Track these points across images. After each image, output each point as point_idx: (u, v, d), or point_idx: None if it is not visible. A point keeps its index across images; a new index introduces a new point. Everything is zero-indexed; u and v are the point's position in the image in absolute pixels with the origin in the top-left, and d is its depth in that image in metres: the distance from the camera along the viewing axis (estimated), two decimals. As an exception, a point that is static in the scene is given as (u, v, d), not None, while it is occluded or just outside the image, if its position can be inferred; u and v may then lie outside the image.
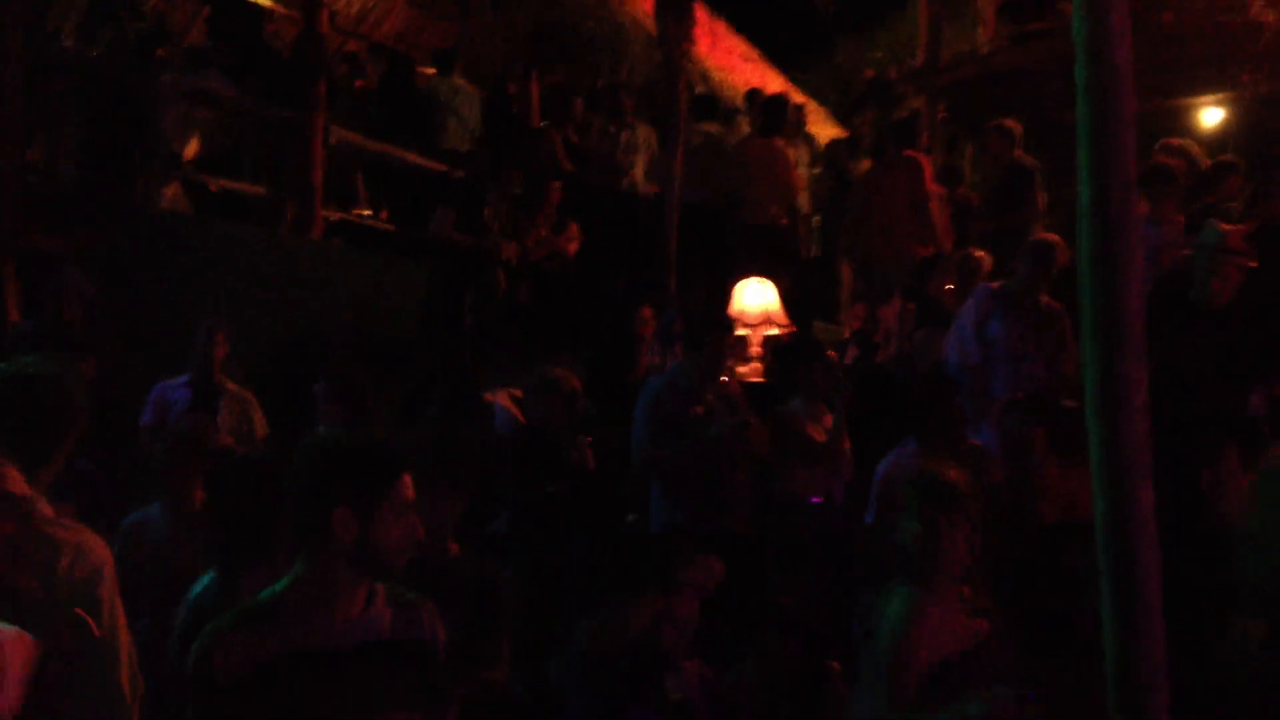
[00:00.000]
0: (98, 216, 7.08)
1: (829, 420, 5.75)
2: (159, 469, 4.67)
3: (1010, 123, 9.55)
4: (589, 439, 5.52)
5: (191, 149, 8.63)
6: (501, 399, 7.00)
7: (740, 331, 7.37)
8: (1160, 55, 12.24)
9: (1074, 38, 3.02)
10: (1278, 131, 11.68)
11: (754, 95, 11.74)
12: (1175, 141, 9.02)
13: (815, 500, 5.66)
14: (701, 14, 9.43)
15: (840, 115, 14.54)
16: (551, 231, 9.69)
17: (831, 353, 6.36)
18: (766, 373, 7.44)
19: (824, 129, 14.08)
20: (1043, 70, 11.65)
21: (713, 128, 10.89)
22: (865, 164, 11.04)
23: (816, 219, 11.53)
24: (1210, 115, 13.71)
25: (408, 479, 2.64)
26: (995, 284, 6.57)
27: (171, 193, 8.41)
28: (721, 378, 5.33)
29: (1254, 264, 5.10)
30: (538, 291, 9.55)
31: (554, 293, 9.53)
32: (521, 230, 9.48)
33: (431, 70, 10.97)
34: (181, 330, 6.54)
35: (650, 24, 10.42)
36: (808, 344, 6.38)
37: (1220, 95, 13.07)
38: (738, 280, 7.71)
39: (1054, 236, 6.56)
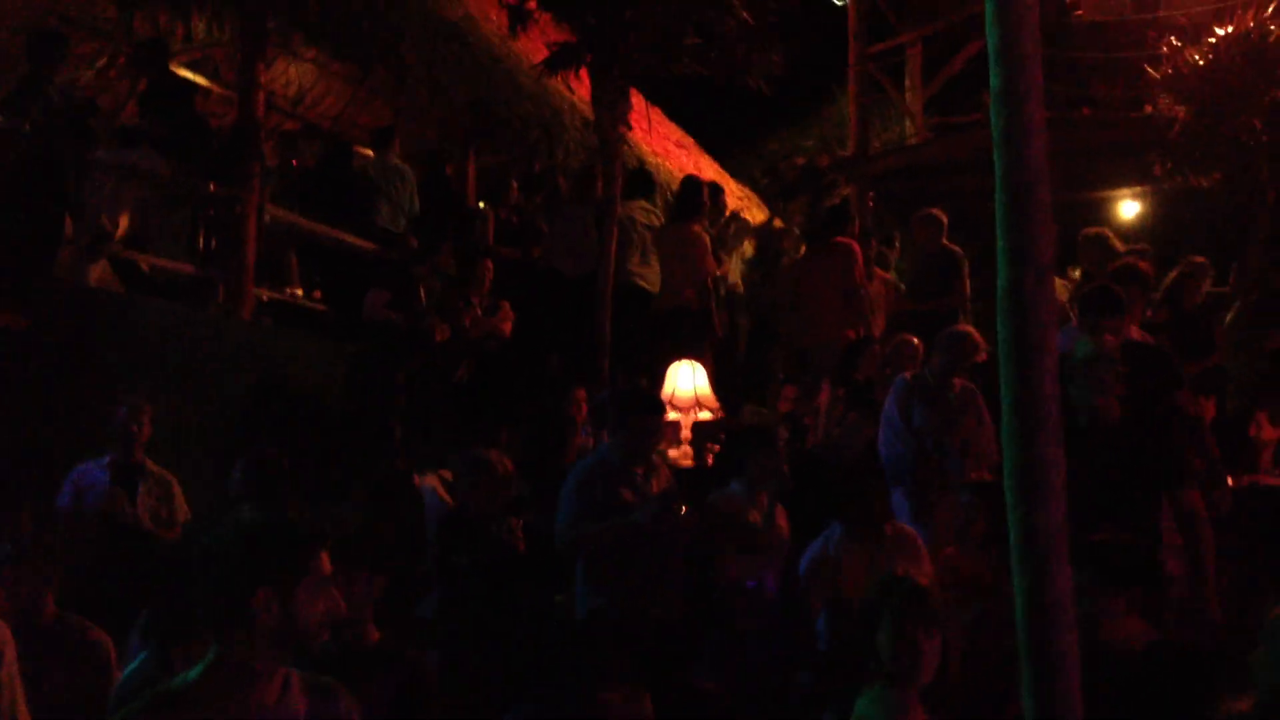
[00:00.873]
0: (20, 292, 6.97)
1: (767, 505, 5.76)
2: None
3: (937, 211, 9.78)
4: (519, 521, 5.48)
5: (123, 226, 8.55)
6: (431, 481, 6.95)
7: (671, 415, 7.39)
8: (1081, 148, 12.65)
9: (992, 129, 3.12)
10: (1190, 223, 12.08)
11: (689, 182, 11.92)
12: (1092, 230, 9.31)
13: (750, 584, 5.65)
14: (637, 100, 9.56)
15: (771, 202, 14.78)
16: (485, 312, 9.70)
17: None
18: (699, 456, 7.46)
19: (756, 215, 14.27)
20: (968, 160, 11.96)
21: (647, 205, 11.00)
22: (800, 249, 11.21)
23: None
24: (1128, 207, 14.19)
25: (324, 555, 2.61)
26: (909, 374, 6.71)
27: (99, 270, 8.30)
28: (652, 459, 5.32)
29: (1125, 369, 5.08)
30: (475, 372, 9.53)
31: (491, 373, 9.50)
32: (457, 310, 9.49)
33: (369, 150, 11.02)
34: (107, 409, 6.42)
35: (586, 108, 10.56)
36: (756, 430, 6.43)
37: (1138, 188, 13.52)
38: (667, 364, 7.75)
39: (968, 327, 6.72)
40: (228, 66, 10.95)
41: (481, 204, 11.59)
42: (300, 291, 10.46)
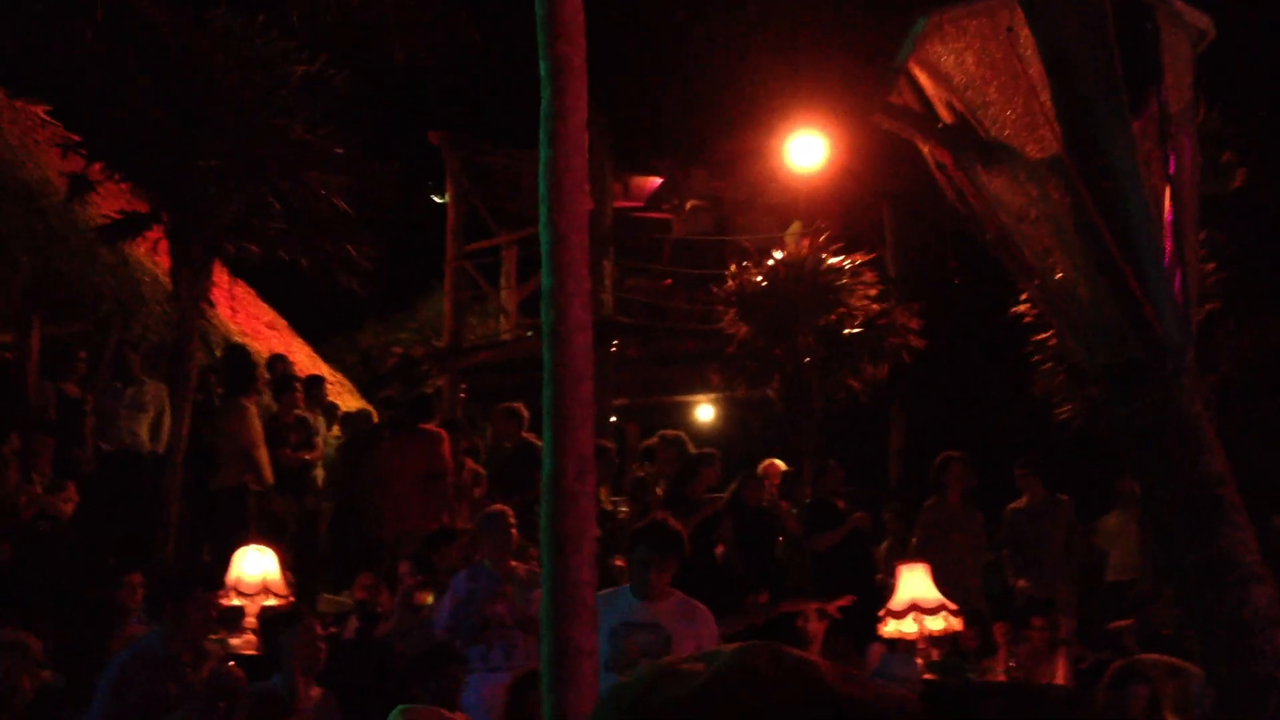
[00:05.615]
0: None
1: (315, 695, 5.52)
2: None
3: (518, 405, 10.03)
4: None
5: None
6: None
7: (235, 601, 7.03)
8: (664, 356, 13.52)
9: (542, 327, 3.30)
10: (757, 429, 13.09)
11: (275, 362, 11.65)
12: (670, 433, 9.87)
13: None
14: (221, 276, 9.32)
15: (364, 389, 14.71)
16: (45, 490, 9.00)
17: (318, 625, 6.14)
18: (265, 645, 7.10)
19: (348, 401, 14.14)
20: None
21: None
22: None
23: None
24: (704, 411, 15.28)
25: None
26: (471, 565, 6.86)
27: None
28: (203, 646, 5.01)
29: None
30: (21, 554, 8.73)
31: (40, 555, 8.74)
32: (6, 488, 8.73)
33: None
34: None
35: (169, 281, 10.19)
36: (290, 614, 6.15)
37: (713, 395, 14.57)
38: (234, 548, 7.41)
39: (501, 506, 6.95)
40: None
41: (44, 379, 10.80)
42: None
